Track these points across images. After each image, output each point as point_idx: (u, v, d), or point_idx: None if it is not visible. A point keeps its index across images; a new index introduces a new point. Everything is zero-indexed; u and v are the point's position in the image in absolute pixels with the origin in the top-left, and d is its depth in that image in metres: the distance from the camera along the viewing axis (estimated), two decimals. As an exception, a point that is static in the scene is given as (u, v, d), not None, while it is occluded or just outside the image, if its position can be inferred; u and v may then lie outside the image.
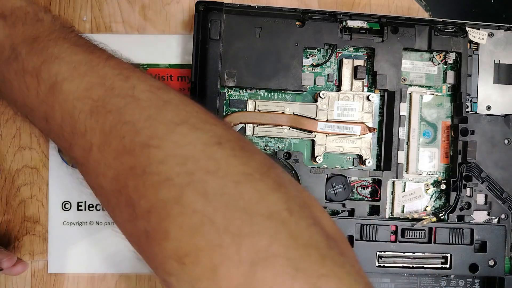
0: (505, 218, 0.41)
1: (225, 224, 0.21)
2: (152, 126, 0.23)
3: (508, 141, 0.41)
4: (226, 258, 0.21)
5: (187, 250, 0.21)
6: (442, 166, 0.42)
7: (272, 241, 0.21)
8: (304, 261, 0.21)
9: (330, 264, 0.22)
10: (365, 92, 0.41)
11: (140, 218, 0.22)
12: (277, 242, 0.21)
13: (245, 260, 0.20)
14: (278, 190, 0.23)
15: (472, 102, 0.41)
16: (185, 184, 0.22)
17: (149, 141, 0.23)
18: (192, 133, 0.24)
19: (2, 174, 0.43)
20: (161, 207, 0.22)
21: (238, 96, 0.40)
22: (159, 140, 0.23)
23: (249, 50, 0.39)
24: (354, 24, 0.39)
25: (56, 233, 0.42)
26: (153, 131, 0.23)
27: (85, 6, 0.43)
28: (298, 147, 0.41)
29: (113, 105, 0.24)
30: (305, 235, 0.22)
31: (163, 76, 0.42)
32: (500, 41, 0.41)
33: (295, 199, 0.24)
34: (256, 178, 0.23)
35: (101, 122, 0.24)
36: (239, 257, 0.21)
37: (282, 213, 0.22)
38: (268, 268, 0.20)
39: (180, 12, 0.43)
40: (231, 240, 0.21)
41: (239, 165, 0.23)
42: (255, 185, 0.23)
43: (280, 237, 0.21)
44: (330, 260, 0.22)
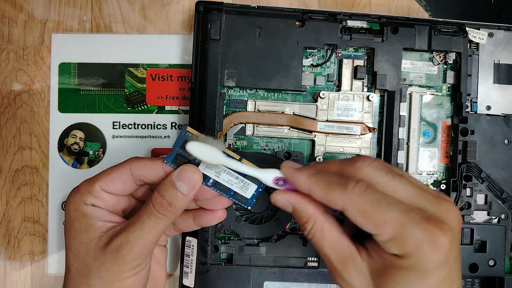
0: (505, 218, 0.41)
1: None
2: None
3: (508, 141, 0.41)
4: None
5: None
6: (442, 166, 0.42)
7: None
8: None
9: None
10: (365, 92, 0.41)
11: None
12: None
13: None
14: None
15: (472, 102, 0.41)
16: None
17: None
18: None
19: (2, 174, 0.43)
20: None
21: (238, 96, 0.40)
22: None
23: (249, 50, 0.39)
24: (354, 24, 0.39)
25: (56, 233, 0.42)
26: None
27: (85, 6, 0.43)
28: (298, 147, 0.41)
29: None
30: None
31: (163, 76, 0.43)
32: (500, 41, 0.41)
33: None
34: None
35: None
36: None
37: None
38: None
39: (180, 12, 0.43)
40: None
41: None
42: None
43: None
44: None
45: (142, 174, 0.31)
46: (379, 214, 0.26)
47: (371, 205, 0.26)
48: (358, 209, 0.26)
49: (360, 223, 0.26)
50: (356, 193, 0.26)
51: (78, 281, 0.30)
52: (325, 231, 0.28)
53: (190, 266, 0.38)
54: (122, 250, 0.29)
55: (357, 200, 0.26)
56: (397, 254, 0.26)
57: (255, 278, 0.38)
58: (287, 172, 0.29)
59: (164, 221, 0.30)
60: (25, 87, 0.43)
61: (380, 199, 0.26)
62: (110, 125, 0.42)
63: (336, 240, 0.28)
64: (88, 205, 0.30)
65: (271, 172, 0.30)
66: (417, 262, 0.25)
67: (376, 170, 0.28)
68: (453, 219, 0.27)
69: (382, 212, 0.26)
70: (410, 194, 0.27)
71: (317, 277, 0.39)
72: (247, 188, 0.31)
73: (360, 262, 0.28)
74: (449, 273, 0.26)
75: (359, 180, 0.27)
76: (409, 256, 0.25)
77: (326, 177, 0.28)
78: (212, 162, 0.30)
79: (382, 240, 0.26)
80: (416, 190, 0.27)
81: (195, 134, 0.30)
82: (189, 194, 0.30)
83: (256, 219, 0.40)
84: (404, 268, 0.26)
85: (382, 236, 0.26)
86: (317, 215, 0.28)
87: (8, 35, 0.43)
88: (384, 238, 0.26)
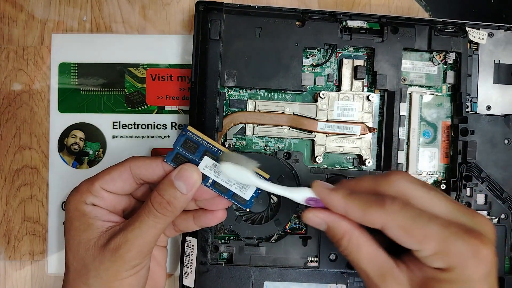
0: (505, 218, 0.41)
1: None
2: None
3: (508, 141, 0.41)
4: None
5: None
6: (442, 166, 0.42)
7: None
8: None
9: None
10: (365, 92, 0.41)
11: None
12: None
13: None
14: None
15: (472, 102, 0.41)
16: None
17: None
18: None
19: (2, 174, 0.43)
20: None
21: (238, 96, 0.40)
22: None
23: (249, 50, 0.39)
24: (354, 24, 0.39)
25: (56, 233, 0.42)
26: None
27: (85, 6, 0.43)
28: (298, 147, 0.41)
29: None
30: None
31: (163, 76, 0.43)
32: (500, 41, 0.41)
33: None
34: None
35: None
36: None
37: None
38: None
39: (180, 12, 0.43)
40: None
41: None
42: None
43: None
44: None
45: (142, 173, 0.31)
46: (421, 229, 0.26)
47: (412, 221, 0.26)
48: (399, 226, 0.26)
49: (401, 240, 0.26)
50: (395, 210, 0.26)
51: (77, 280, 0.30)
52: (362, 246, 0.28)
53: (190, 266, 0.38)
54: (121, 249, 0.29)
55: (397, 217, 0.26)
56: (440, 267, 0.26)
57: (255, 278, 0.38)
58: (320, 192, 0.29)
59: (163, 220, 0.30)
60: (25, 87, 0.43)
61: (420, 214, 0.26)
62: (110, 125, 0.42)
63: (374, 254, 0.28)
64: (88, 204, 0.30)
65: (303, 191, 0.30)
66: (461, 275, 0.26)
67: (410, 184, 0.28)
68: (491, 232, 0.27)
69: (424, 227, 0.26)
70: (446, 209, 0.27)
71: (317, 277, 0.39)
72: (246, 190, 0.31)
73: (400, 275, 0.28)
74: (491, 285, 0.27)
75: (395, 197, 0.27)
76: (453, 269, 0.26)
77: (361, 197, 0.28)
78: (244, 183, 0.31)
79: (424, 255, 0.26)
80: (451, 204, 0.27)
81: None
82: (188, 193, 0.30)
83: (256, 219, 0.40)
84: (448, 281, 0.26)
85: (425, 251, 0.26)
86: (352, 231, 0.28)
87: (8, 35, 0.43)
88: (427, 253, 0.26)
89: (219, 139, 0.39)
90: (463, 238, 0.26)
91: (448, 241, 0.25)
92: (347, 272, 0.39)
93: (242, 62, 0.39)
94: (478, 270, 0.26)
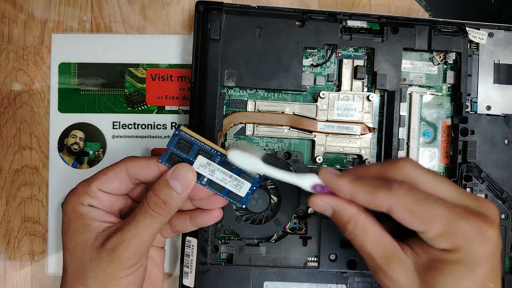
0: (505, 218, 0.41)
1: None
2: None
3: (508, 141, 0.41)
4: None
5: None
6: (442, 166, 0.42)
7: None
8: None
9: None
10: (365, 92, 0.41)
11: None
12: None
13: None
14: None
15: (472, 102, 0.41)
16: None
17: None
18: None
19: (2, 174, 0.43)
20: None
21: (238, 96, 0.40)
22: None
23: (249, 50, 0.39)
24: (354, 24, 0.39)
25: (56, 233, 0.42)
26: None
27: (85, 6, 0.43)
28: (298, 147, 0.41)
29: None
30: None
31: (163, 76, 0.43)
32: (500, 41, 0.41)
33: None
34: None
35: None
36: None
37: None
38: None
39: (180, 12, 0.43)
40: None
41: None
42: None
43: None
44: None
45: (138, 173, 0.31)
46: (427, 211, 0.26)
47: (418, 203, 0.26)
48: (405, 208, 0.27)
49: (408, 222, 0.27)
50: (402, 192, 0.27)
51: (75, 281, 0.30)
52: (367, 229, 0.29)
53: (190, 266, 0.38)
54: (118, 249, 0.29)
55: (404, 200, 0.27)
56: (446, 248, 0.27)
57: (255, 278, 0.38)
58: (327, 178, 0.29)
59: (159, 220, 0.30)
60: (25, 87, 0.43)
61: (426, 197, 0.27)
62: (110, 125, 0.42)
63: (379, 237, 0.29)
64: (85, 205, 0.31)
65: (310, 178, 0.30)
66: (467, 255, 0.26)
67: (417, 169, 0.28)
68: (496, 215, 0.28)
69: (430, 209, 0.26)
70: (452, 193, 0.28)
71: (317, 277, 0.39)
72: (241, 187, 0.32)
73: (405, 258, 0.28)
74: (495, 265, 0.27)
75: (402, 181, 0.27)
76: (459, 250, 0.26)
77: (368, 181, 0.28)
78: (252, 171, 0.31)
79: (430, 237, 0.27)
80: (456, 189, 0.28)
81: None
82: (184, 192, 0.30)
83: (256, 219, 0.40)
84: (453, 261, 0.26)
85: (431, 232, 0.26)
86: (358, 214, 0.29)
87: (8, 35, 0.43)
88: (433, 234, 0.26)
89: (219, 139, 0.39)
90: (469, 219, 0.26)
91: (453, 222, 0.26)
92: (347, 272, 0.39)
93: (242, 62, 0.39)
94: (484, 250, 0.26)
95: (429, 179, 0.28)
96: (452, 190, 0.28)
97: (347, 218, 0.29)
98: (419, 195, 0.27)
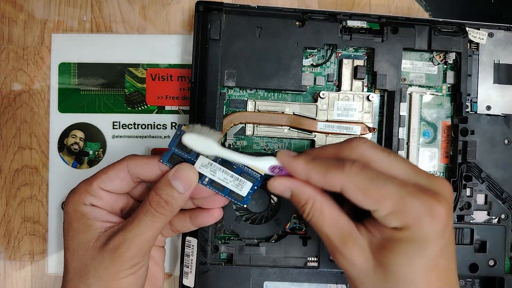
0: (505, 218, 0.41)
1: None
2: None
3: (508, 141, 0.41)
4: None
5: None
6: (442, 166, 0.42)
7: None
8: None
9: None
10: (365, 92, 0.41)
11: None
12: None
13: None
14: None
15: (472, 102, 0.41)
16: None
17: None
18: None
19: (2, 174, 0.43)
20: None
21: (238, 96, 0.40)
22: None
23: (249, 50, 0.39)
24: (354, 24, 0.39)
25: (56, 233, 0.42)
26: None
27: (85, 6, 0.43)
28: (298, 147, 0.41)
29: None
30: None
31: (163, 76, 0.43)
32: (500, 41, 0.41)
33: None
34: None
35: None
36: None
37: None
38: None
39: (180, 12, 0.43)
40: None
41: None
42: None
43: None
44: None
45: (139, 172, 0.31)
46: (378, 189, 0.26)
47: (369, 182, 0.27)
48: (357, 187, 0.27)
49: (359, 201, 0.27)
50: (354, 172, 0.27)
51: (77, 281, 0.30)
52: (324, 211, 0.29)
53: (190, 266, 0.38)
54: (120, 249, 0.29)
55: (356, 179, 0.27)
56: (396, 227, 0.27)
57: (255, 278, 0.38)
58: (283, 159, 0.30)
59: (161, 219, 0.30)
60: (25, 87, 0.43)
61: (377, 175, 0.27)
62: (110, 125, 0.42)
63: (335, 218, 0.29)
64: (87, 205, 0.31)
65: (267, 160, 0.30)
66: (417, 232, 0.26)
67: (371, 148, 0.28)
68: (448, 192, 0.28)
69: (381, 187, 0.26)
70: (405, 171, 0.28)
71: (317, 277, 0.39)
72: (242, 186, 0.32)
73: (360, 238, 0.28)
74: (446, 244, 0.27)
75: (355, 160, 0.28)
76: (409, 228, 0.26)
77: (323, 161, 0.28)
78: (208, 154, 0.30)
79: (381, 215, 0.27)
80: (410, 167, 0.28)
81: (190, 125, 0.31)
82: (186, 192, 0.30)
83: (256, 219, 0.40)
84: (404, 240, 0.27)
85: (382, 210, 0.27)
86: (315, 195, 0.29)
87: (8, 35, 0.43)
88: (384, 213, 0.27)
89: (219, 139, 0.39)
90: (418, 197, 0.26)
91: (404, 200, 0.26)
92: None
93: (242, 62, 0.39)
94: (433, 227, 0.26)
95: (382, 158, 0.28)
96: (405, 168, 0.28)
97: (304, 199, 0.29)
98: (370, 174, 0.27)
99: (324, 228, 0.29)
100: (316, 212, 0.29)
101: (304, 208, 0.29)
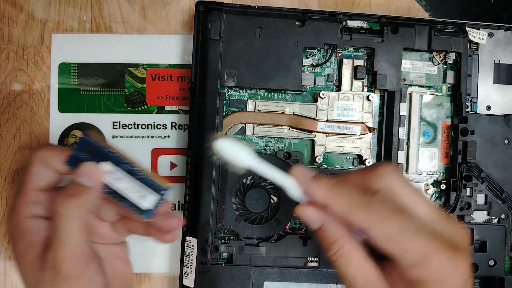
0: (505, 218, 0.41)
1: None
2: None
3: (508, 141, 0.41)
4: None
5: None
6: (442, 166, 0.42)
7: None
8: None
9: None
10: (365, 92, 0.41)
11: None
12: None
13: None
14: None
15: (472, 102, 0.41)
16: None
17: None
18: None
19: (2, 174, 0.43)
20: None
21: (238, 96, 0.40)
22: None
23: (249, 50, 0.39)
24: (354, 24, 0.39)
25: (56, 233, 0.42)
26: None
27: (85, 6, 0.43)
28: (298, 147, 0.41)
29: None
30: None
31: (163, 76, 0.43)
32: (500, 41, 0.41)
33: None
34: None
35: None
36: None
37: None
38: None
39: (180, 12, 0.43)
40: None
41: None
42: None
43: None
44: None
45: (54, 167, 0.31)
46: (408, 240, 0.26)
47: (399, 231, 0.26)
48: (385, 234, 0.26)
49: (385, 247, 0.26)
50: (383, 216, 0.26)
51: None
52: (352, 256, 0.28)
53: (190, 266, 0.38)
54: (56, 266, 0.28)
55: (384, 225, 0.26)
56: (419, 279, 0.26)
57: (255, 278, 0.38)
58: (301, 180, 0.28)
59: (76, 218, 0.29)
60: (25, 87, 0.43)
61: (408, 225, 0.26)
62: (110, 125, 0.42)
63: (362, 265, 0.28)
64: (28, 217, 0.30)
65: (286, 180, 0.28)
66: (439, 287, 0.26)
67: (397, 181, 0.28)
68: (467, 242, 0.28)
69: (410, 239, 0.26)
70: (428, 213, 0.27)
71: (317, 277, 0.39)
72: (146, 198, 0.30)
73: (385, 286, 0.28)
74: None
75: (384, 201, 0.27)
76: (432, 282, 0.26)
77: (347, 192, 0.27)
78: (240, 164, 0.28)
79: (406, 265, 0.26)
80: (433, 210, 0.28)
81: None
82: (94, 187, 0.29)
83: (256, 219, 0.40)
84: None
85: (407, 260, 0.26)
86: (346, 238, 0.28)
87: (8, 35, 0.43)
88: (408, 263, 0.26)
89: None
90: (445, 253, 0.26)
91: (430, 254, 0.26)
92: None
93: (242, 62, 0.39)
94: (457, 283, 0.26)
95: (409, 193, 0.27)
96: (429, 210, 0.27)
97: (333, 239, 0.28)
98: (402, 222, 0.26)
99: (349, 273, 0.28)
100: (343, 255, 0.28)
101: (330, 247, 0.28)
